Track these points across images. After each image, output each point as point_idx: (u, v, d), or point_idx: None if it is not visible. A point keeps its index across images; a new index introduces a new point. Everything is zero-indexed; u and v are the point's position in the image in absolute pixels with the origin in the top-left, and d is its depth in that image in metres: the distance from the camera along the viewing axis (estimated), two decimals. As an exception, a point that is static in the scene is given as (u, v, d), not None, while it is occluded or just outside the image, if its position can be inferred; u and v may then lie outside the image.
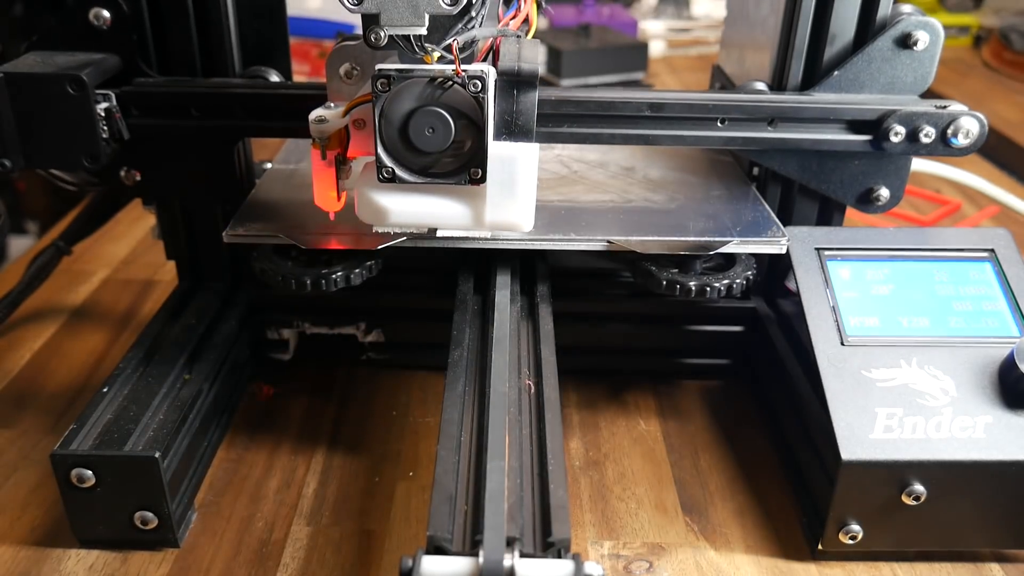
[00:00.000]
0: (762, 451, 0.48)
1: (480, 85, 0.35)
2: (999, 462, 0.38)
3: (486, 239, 0.44)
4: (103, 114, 0.42)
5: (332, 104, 0.41)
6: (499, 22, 0.40)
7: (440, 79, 0.35)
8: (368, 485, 0.45)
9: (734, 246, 0.44)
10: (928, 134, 0.44)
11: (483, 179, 0.37)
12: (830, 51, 0.46)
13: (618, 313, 0.52)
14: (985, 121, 0.44)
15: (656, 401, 0.52)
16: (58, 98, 0.40)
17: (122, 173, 0.47)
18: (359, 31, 0.36)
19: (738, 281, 0.45)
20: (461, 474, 0.34)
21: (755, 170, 0.53)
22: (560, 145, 0.56)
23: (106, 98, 0.42)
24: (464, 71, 0.35)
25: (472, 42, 0.36)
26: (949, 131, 0.44)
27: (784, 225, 0.46)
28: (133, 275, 0.66)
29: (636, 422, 0.50)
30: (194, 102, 0.44)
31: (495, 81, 0.37)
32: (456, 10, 0.34)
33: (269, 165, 0.54)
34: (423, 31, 0.34)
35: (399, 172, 0.37)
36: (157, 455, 0.38)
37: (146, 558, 0.40)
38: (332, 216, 0.43)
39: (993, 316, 0.43)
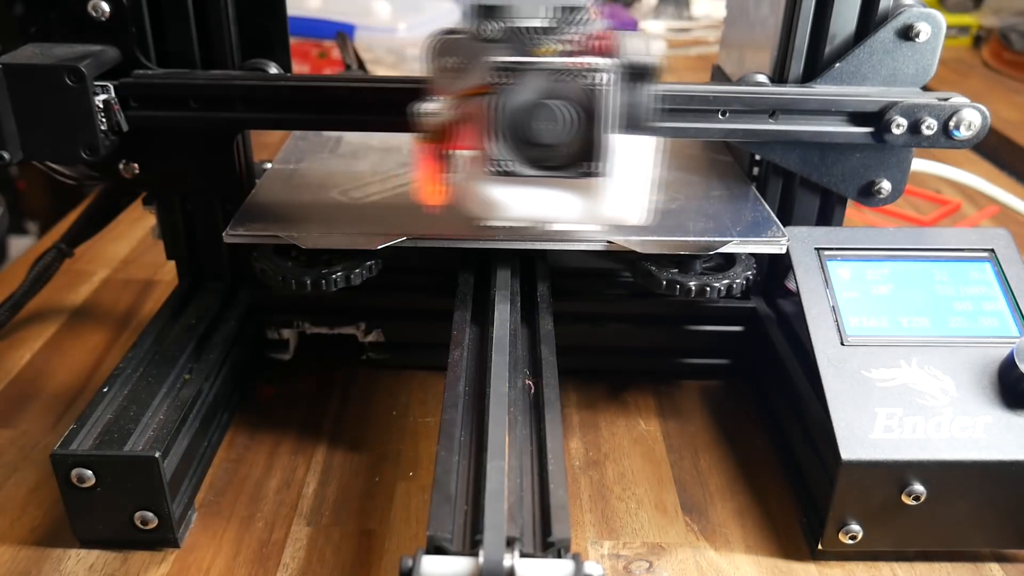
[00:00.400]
0: (762, 451, 0.48)
1: (599, 77, 0.35)
2: (999, 462, 0.38)
3: (489, 239, 0.44)
4: (101, 106, 0.42)
5: (437, 97, 0.40)
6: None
7: (560, 71, 0.35)
8: (368, 485, 0.45)
9: (734, 246, 0.44)
10: (930, 126, 0.44)
11: (598, 172, 0.37)
12: (831, 46, 0.46)
13: (618, 313, 0.52)
14: (987, 113, 0.44)
15: (656, 401, 0.52)
16: (56, 90, 0.40)
17: (121, 166, 0.47)
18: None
19: (738, 281, 0.45)
20: (461, 474, 0.34)
21: (755, 170, 0.53)
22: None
23: (104, 90, 0.42)
24: (583, 63, 0.35)
25: (585, 35, 0.36)
26: (951, 123, 0.44)
27: (784, 224, 0.46)
28: (133, 275, 0.66)
29: (636, 422, 0.50)
30: (193, 94, 0.44)
31: (614, 73, 0.37)
32: (586, 2, 0.35)
33: (269, 165, 0.54)
34: (548, 23, 0.35)
35: (513, 165, 0.37)
36: (157, 455, 0.38)
37: (146, 558, 0.40)
38: (434, 210, 0.43)
39: (993, 316, 0.43)
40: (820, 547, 0.40)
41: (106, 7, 0.43)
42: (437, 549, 0.30)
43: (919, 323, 0.42)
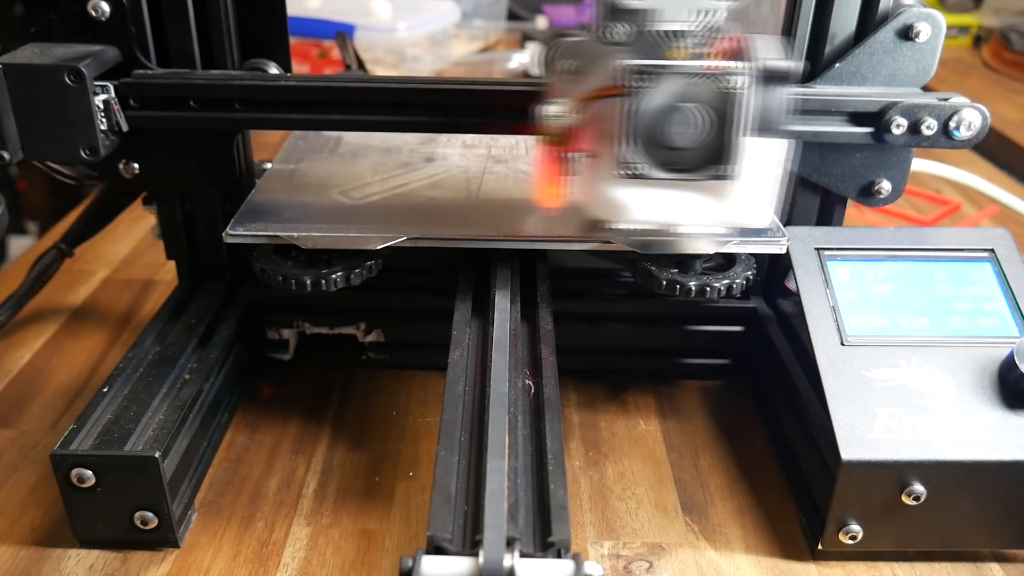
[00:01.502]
0: (762, 451, 0.48)
1: (737, 81, 0.35)
2: (999, 462, 0.38)
3: (489, 239, 0.45)
4: (101, 106, 0.42)
5: (560, 100, 0.40)
6: None
7: (696, 74, 0.36)
8: (368, 485, 0.45)
9: (734, 246, 0.44)
10: (930, 126, 0.44)
11: (729, 175, 0.37)
12: (831, 44, 0.46)
13: (618, 313, 0.52)
14: (987, 113, 0.44)
15: (656, 401, 0.52)
16: (57, 90, 0.40)
17: (120, 166, 0.47)
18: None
19: (738, 281, 0.45)
20: (461, 474, 0.34)
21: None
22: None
23: (104, 90, 0.42)
24: (721, 67, 0.36)
25: (713, 37, 0.36)
26: (951, 123, 0.44)
27: (784, 224, 0.46)
28: (133, 275, 0.66)
29: (636, 422, 0.50)
30: (193, 94, 0.44)
31: (750, 77, 0.37)
32: (735, 5, 0.35)
33: (269, 165, 0.54)
34: (688, 26, 0.35)
35: (644, 168, 0.37)
36: (157, 455, 0.38)
37: (146, 558, 0.40)
38: (551, 212, 0.46)
39: (993, 316, 0.43)
40: (820, 547, 0.40)
41: (106, 7, 0.43)
42: (437, 549, 0.30)
43: (919, 323, 0.42)
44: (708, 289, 0.44)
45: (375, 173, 0.52)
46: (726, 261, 0.47)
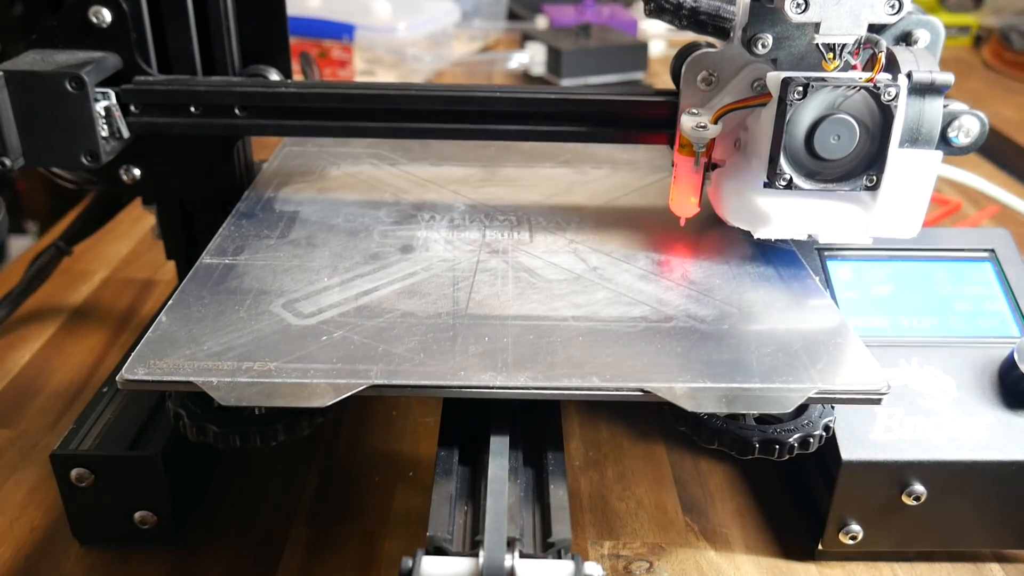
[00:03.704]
0: (762, 451, 0.48)
1: (894, 93, 0.36)
2: (999, 462, 0.38)
3: (479, 388, 0.33)
4: (103, 112, 0.42)
5: (694, 111, 0.40)
6: None
7: (851, 87, 0.36)
8: (368, 485, 0.45)
9: (816, 396, 0.33)
10: (929, 133, 0.44)
11: (878, 186, 0.37)
12: (831, 51, 0.46)
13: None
14: (986, 120, 0.44)
15: (656, 401, 0.52)
16: (58, 96, 0.40)
17: (122, 171, 0.47)
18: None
19: (816, 433, 0.35)
20: (461, 474, 0.34)
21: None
22: (574, 230, 0.45)
23: (106, 96, 0.42)
24: (877, 79, 0.36)
25: (862, 49, 0.37)
26: (950, 130, 0.44)
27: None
28: (133, 275, 0.66)
29: (636, 422, 0.50)
30: (194, 100, 0.44)
31: (905, 89, 0.37)
32: (897, 18, 0.35)
33: (267, 165, 0.53)
34: (854, 40, 0.35)
35: (796, 179, 0.37)
36: (157, 455, 0.38)
37: (146, 558, 0.40)
38: (683, 222, 0.43)
39: (993, 316, 0.43)
40: (820, 547, 0.40)
41: (107, 14, 0.43)
42: (437, 549, 0.29)
43: (919, 323, 0.42)
44: (778, 448, 0.35)
45: (334, 271, 0.40)
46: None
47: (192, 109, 0.44)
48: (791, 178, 0.37)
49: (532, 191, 0.50)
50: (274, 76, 0.48)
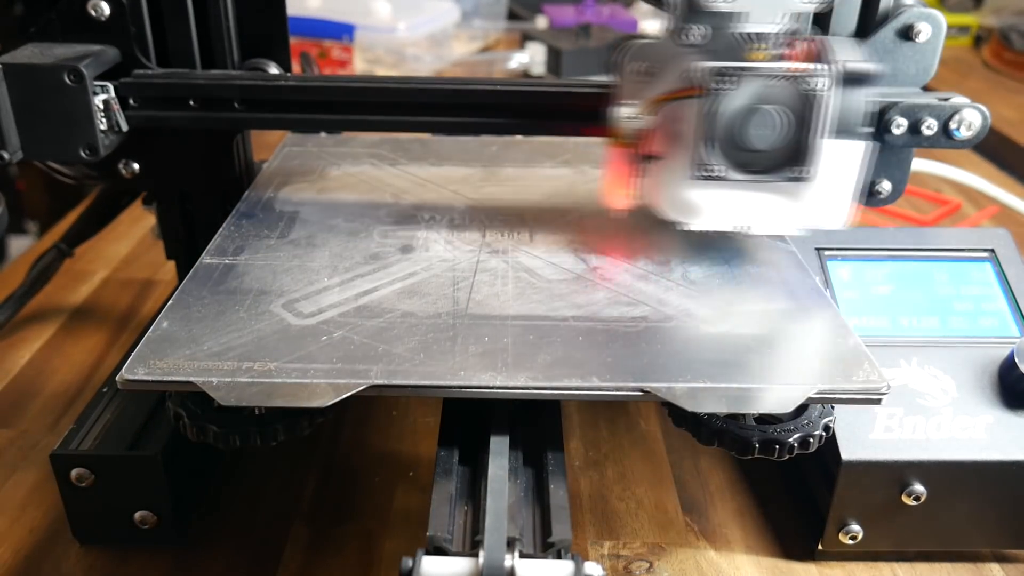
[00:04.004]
0: (762, 451, 0.48)
1: (818, 83, 0.35)
2: (999, 462, 0.38)
3: (479, 388, 0.32)
4: (101, 106, 0.42)
5: (633, 101, 0.40)
6: None
7: (776, 76, 0.36)
8: (368, 485, 0.45)
9: (816, 396, 0.33)
10: (930, 126, 0.44)
11: (808, 176, 0.37)
12: (831, 45, 0.46)
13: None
14: (987, 113, 0.44)
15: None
16: (56, 89, 0.40)
17: (120, 165, 0.47)
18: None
19: (816, 433, 0.35)
20: (461, 474, 0.34)
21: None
22: (574, 229, 0.45)
23: (104, 90, 0.42)
24: (802, 69, 0.35)
25: (793, 39, 0.36)
26: (951, 123, 0.44)
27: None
28: (133, 275, 0.66)
29: (636, 422, 0.50)
30: (193, 94, 0.44)
31: (832, 78, 0.36)
32: (817, 8, 0.35)
33: (265, 164, 0.53)
34: (776, 28, 0.35)
35: (722, 169, 0.37)
36: (157, 455, 0.38)
37: (146, 558, 0.40)
38: (619, 211, 0.42)
39: (993, 316, 0.43)
40: (820, 547, 0.40)
41: (106, 7, 0.43)
42: (437, 549, 0.29)
43: (919, 323, 0.42)
44: (777, 448, 0.34)
45: (334, 271, 0.40)
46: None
47: (191, 103, 0.44)
48: (718, 169, 0.37)
49: (532, 191, 0.50)
50: (273, 70, 0.48)
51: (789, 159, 0.37)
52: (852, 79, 0.36)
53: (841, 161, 0.38)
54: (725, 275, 0.40)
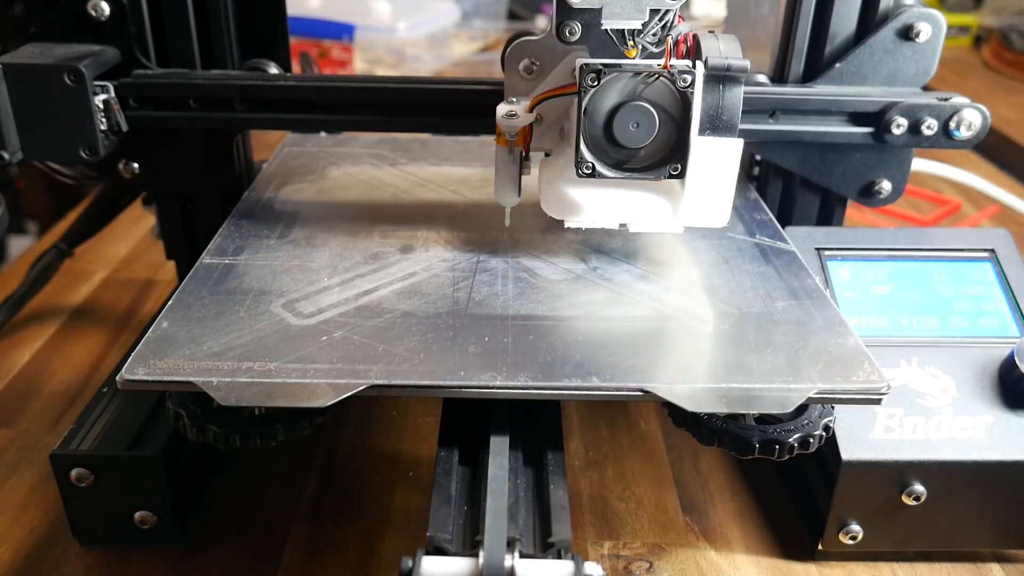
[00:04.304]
0: (762, 451, 0.48)
1: (689, 80, 0.35)
2: (999, 462, 0.38)
3: (479, 388, 0.32)
4: (101, 106, 0.42)
5: (516, 99, 0.40)
6: None
7: (648, 74, 0.36)
8: (368, 485, 0.45)
9: (816, 396, 0.32)
10: (930, 126, 0.44)
11: (683, 174, 0.37)
12: (831, 46, 0.46)
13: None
14: (987, 113, 0.44)
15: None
16: (56, 89, 0.40)
17: (120, 165, 0.47)
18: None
19: (816, 433, 0.35)
20: (461, 474, 0.34)
21: (755, 170, 0.53)
22: (574, 229, 0.43)
23: (104, 90, 0.42)
24: (673, 66, 0.35)
25: (670, 36, 0.36)
26: (951, 123, 0.44)
27: (784, 225, 0.46)
28: (133, 275, 0.66)
29: (636, 422, 0.50)
30: (193, 94, 0.44)
31: (702, 76, 0.36)
32: (677, 5, 0.35)
33: (266, 166, 0.53)
34: (639, 25, 0.35)
35: (599, 167, 0.37)
36: (157, 455, 0.38)
37: (146, 558, 0.40)
38: (507, 217, 0.43)
39: (993, 316, 0.43)
40: (820, 547, 0.40)
41: (106, 7, 0.43)
42: (437, 549, 0.29)
43: (919, 323, 0.42)
44: (778, 448, 0.34)
45: (334, 271, 0.40)
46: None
47: (191, 103, 0.44)
48: (594, 166, 0.37)
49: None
50: (273, 70, 0.48)
51: (665, 157, 0.37)
52: (725, 77, 0.36)
53: (719, 159, 0.37)
54: (725, 275, 0.40)
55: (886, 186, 0.47)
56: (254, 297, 0.37)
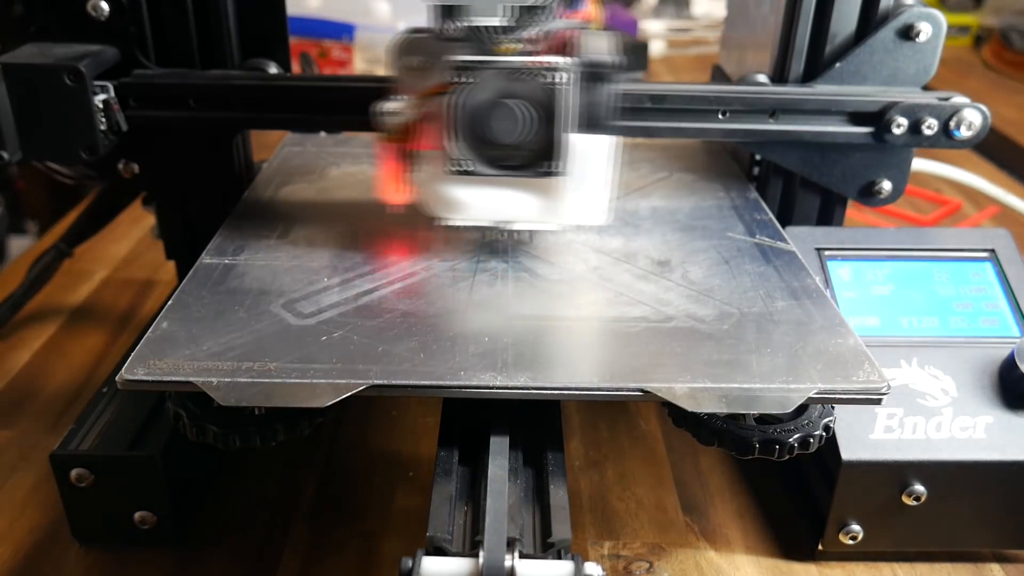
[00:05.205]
0: (762, 451, 0.48)
1: (558, 76, 0.35)
2: (999, 462, 0.38)
3: (479, 388, 0.32)
4: (101, 106, 0.42)
5: (400, 96, 0.40)
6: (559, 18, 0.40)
7: (518, 70, 0.35)
8: (368, 485, 0.45)
9: (816, 396, 0.32)
10: (930, 126, 0.44)
11: (557, 171, 0.37)
12: (831, 45, 0.46)
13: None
14: (987, 113, 0.44)
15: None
16: (56, 89, 0.40)
17: (120, 165, 0.47)
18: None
19: (816, 433, 0.34)
20: (461, 474, 0.34)
21: (755, 169, 0.53)
22: (573, 230, 0.44)
23: (104, 90, 0.42)
24: (542, 62, 0.35)
25: (546, 33, 0.36)
26: (951, 123, 0.44)
27: (784, 225, 0.46)
28: (133, 275, 0.66)
29: (636, 422, 0.50)
30: (192, 94, 0.44)
31: (573, 73, 0.36)
32: (538, 1, 0.34)
33: (265, 164, 0.53)
34: (504, 22, 0.34)
35: (472, 164, 0.37)
36: (157, 455, 0.38)
37: (146, 558, 0.40)
38: (396, 207, 0.42)
39: (993, 316, 0.43)
40: (820, 547, 0.40)
41: (105, 7, 0.43)
42: (437, 550, 0.29)
43: (919, 323, 0.42)
44: (778, 448, 0.34)
45: (334, 271, 0.40)
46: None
47: (191, 102, 0.44)
48: (467, 163, 0.37)
49: None
50: (273, 70, 0.48)
51: (539, 155, 0.37)
52: (596, 74, 0.36)
53: (593, 156, 0.37)
54: (725, 275, 0.40)
55: (886, 186, 0.47)
56: (254, 297, 0.37)
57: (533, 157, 0.37)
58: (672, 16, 1.42)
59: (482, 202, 0.39)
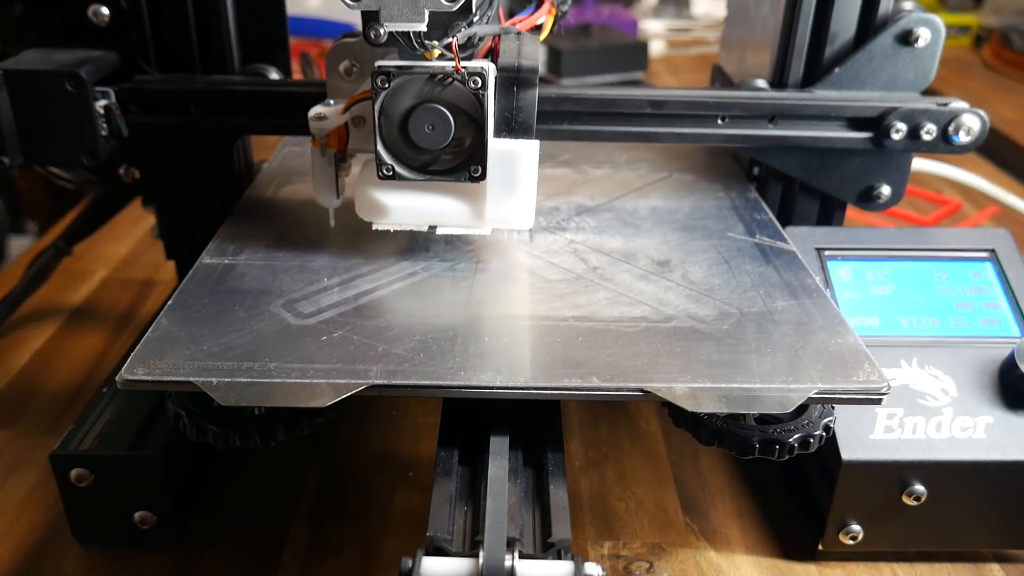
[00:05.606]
0: (762, 451, 0.48)
1: (480, 82, 0.35)
2: (999, 462, 0.38)
3: (479, 388, 0.32)
4: (102, 111, 0.42)
5: (332, 101, 0.40)
6: (504, 22, 0.40)
7: (440, 76, 0.35)
8: (368, 485, 0.45)
9: (816, 396, 0.32)
10: (929, 131, 0.44)
11: (483, 176, 0.37)
12: (831, 49, 0.46)
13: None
14: (986, 118, 0.44)
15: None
16: (57, 95, 0.40)
17: (121, 171, 0.47)
18: (359, 29, 0.36)
19: (816, 433, 0.34)
20: (461, 474, 0.34)
21: (755, 170, 0.53)
22: (573, 230, 0.44)
23: (105, 95, 0.42)
24: (464, 68, 0.35)
25: (473, 39, 0.36)
26: (950, 128, 0.44)
27: (784, 225, 0.46)
28: (133, 275, 0.66)
29: (636, 422, 0.50)
30: (193, 99, 0.44)
31: (495, 78, 0.36)
32: (455, 7, 0.33)
33: (265, 164, 0.53)
34: (423, 27, 0.34)
35: (399, 169, 0.37)
36: (157, 455, 0.38)
37: (146, 558, 0.40)
38: (332, 217, 0.42)
39: (993, 316, 0.43)
40: (820, 547, 0.40)
41: (106, 12, 0.43)
42: (437, 550, 0.29)
43: (919, 323, 0.42)
44: (778, 448, 0.34)
45: (334, 271, 0.40)
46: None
47: (192, 108, 0.44)
48: (394, 168, 0.37)
49: None
50: (274, 75, 0.48)
51: (467, 159, 0.37)
52: (517, 79, 0.36)
53: (517, 161, 0.37)
54: (725, 275, 0.40)
55: (885, 191, 0.47)
56: (254, 297, 0.37)
57: (459, 162, 0.37)
58: (672, 16, 1.42)
59: (410, 206, 0.39)
